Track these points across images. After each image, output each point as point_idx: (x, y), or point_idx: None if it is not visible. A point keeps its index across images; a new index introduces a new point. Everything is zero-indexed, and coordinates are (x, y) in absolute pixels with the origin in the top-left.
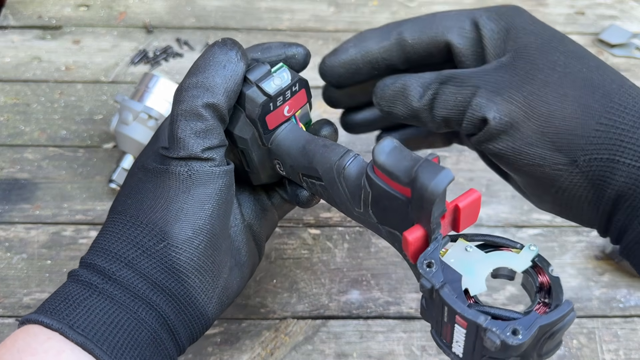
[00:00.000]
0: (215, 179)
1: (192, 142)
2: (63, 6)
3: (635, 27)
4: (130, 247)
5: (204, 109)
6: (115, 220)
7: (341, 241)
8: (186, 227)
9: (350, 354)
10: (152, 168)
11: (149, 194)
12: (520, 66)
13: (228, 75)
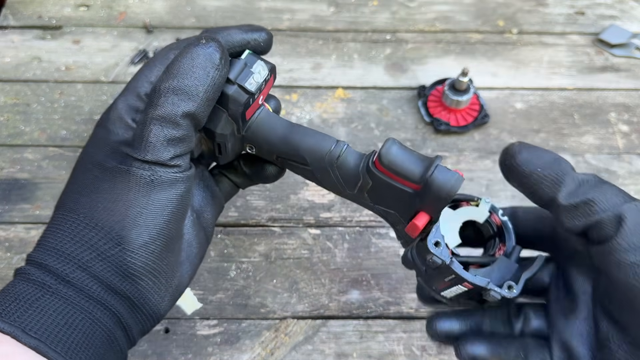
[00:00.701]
0: (177, 184)
1: (162, 149)
2: (63, 6)
3: (635, 27)
4: (84, 249)
5: (182, 118)
6: (66, 219)
7: (341, 241)
8: (144, 233)
9: (350, 354)
10: (112, 167)
11: (106, 195)
12: None
13: (211, 84)
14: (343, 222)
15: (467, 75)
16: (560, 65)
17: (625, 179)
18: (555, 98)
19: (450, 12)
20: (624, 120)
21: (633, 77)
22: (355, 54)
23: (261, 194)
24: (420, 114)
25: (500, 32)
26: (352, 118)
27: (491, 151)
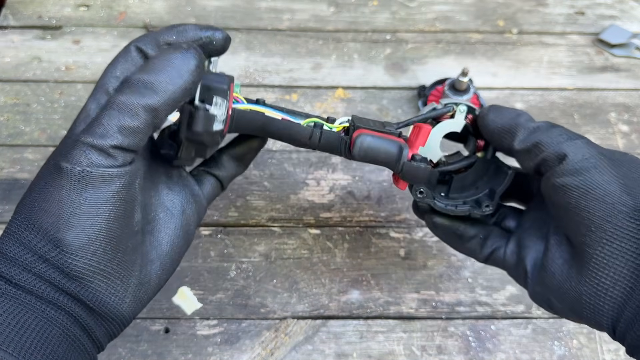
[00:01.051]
0: (111, 181)
1: (111, 135)
2: (63, 6)
3: (635, 27)
4: (25, 251)
5: (143, 110)
6: (13, 220)
7: (341, 241)
8: (80, 234)
9: (350, 354)
10: (47, 164)
11: (42, 193)
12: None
13: (182, 86)
14: (343, 222)
15: (467, 75)
16: (560, 65)
17: None
18: (555, 98)
19: (450, 12)
20: (624, 120)
21: (633, 77)
22: (355, 54)
23: (261, 194)
24: None
25: (500, 32)
26: None
27: None
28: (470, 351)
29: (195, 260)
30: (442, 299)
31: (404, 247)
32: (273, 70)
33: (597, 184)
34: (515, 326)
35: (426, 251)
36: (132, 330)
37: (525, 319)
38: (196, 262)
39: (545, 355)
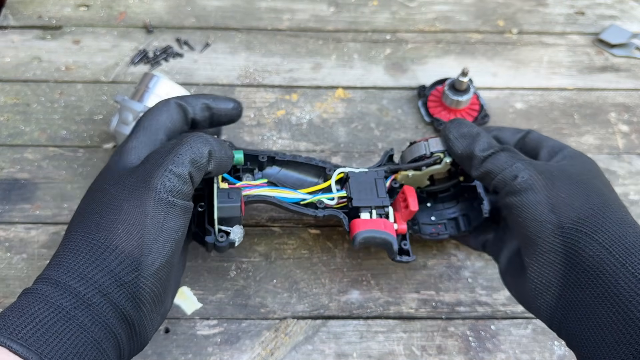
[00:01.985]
0: (187, 212)
1: (186, 165)
2: (63, 6)
3: (635, 27)
4: (104, 273)
5: (208, 154)
6: (85, 240)
7: (341, 241)
8: (157, 259)
9: (350, 354)
10: (132, 184)
11: (124, 216)
12: (557, 168)
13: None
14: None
15: (467, 75)
16: (560, 65)
17: (625, 179)
18: (555, 98)
19: (450, 12)
20: (624, 120)
21: (633, 77)
22: (355, 54)
23: None
24: (420, 114)
25: (500, 32)
26: (352, 118)
27: None
28: (470, 351)
29: (195, 260)
30: (442, 299)
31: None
32: (273, 70)
33: (531, 204)
34: (515, 326)
35: (426, 251)
36: None
37: (525, 319)
38: (196, 262)
39: (545, 355)
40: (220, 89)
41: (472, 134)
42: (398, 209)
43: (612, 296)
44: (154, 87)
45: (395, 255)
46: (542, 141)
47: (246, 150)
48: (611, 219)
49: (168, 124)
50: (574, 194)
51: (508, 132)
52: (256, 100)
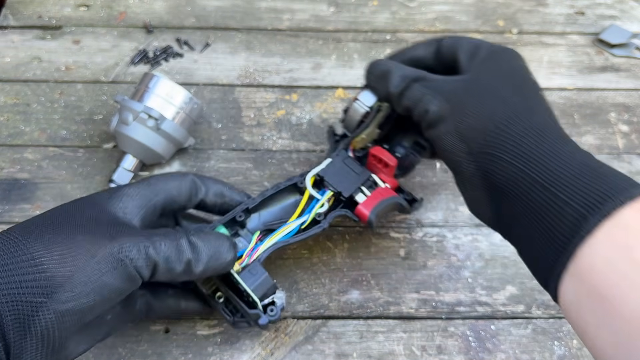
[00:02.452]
0: (131, 281)
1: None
2: (63, 6)
3: (635, 27)
4: (8, 280)
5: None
6: (18, 241)
7: (341, 241)
8: (72, 301)
9: (350, 354)
10: (101, 227)
11: (70, 244)
12: (469, 82)
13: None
14: (343, 222)
15: None
16: (560, 65)
17: None
18: (555, 98)
19: (450, 12)
20: (624, 120)
21: (633, 77)
22: (355, 54)
23: None
24: None
25: (500, 32)
26: None
27: None
28: (470, 351)
29: None
30: (442, 299)
31: (404, 247)
32: (273, 70)
33: (443, 136)
34: (515, 326)
35: (426, 251)
36: (132, 330)
37: (525, 319)
38: None
39: (545, 355)
40: (220, 89)
41: (383, 73)
42: (378, 171)
43: (530, 211)
44: (154, 87)
45: (408, 209)
46: (457, 46)
47: (223, 221)
48: (519, 131)
49: (173, 192)
50: (481, 113)
51: (422, 49)
52: (256, 100)
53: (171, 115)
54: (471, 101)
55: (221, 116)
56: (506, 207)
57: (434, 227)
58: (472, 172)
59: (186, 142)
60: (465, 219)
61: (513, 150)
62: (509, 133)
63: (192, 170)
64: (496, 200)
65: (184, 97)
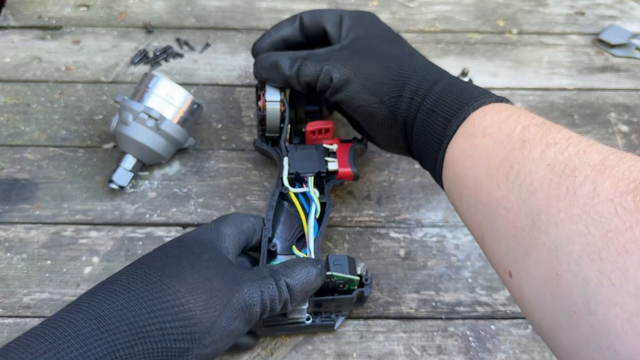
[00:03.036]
0: (250, 323)
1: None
2: (63, 6)
3: (635, 27)
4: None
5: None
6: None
7: (341, 241)
8: (213, 345)
9: (350, 354)
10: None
11: (210, 286)
12: (353, 47)
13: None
14: (343, 222)
15: (467, 75)
16: (560, 65)
17: None
18: (555, 98)
19: (450, 12)
20: (624, 120)
21: (633, 77)
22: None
23: (261, 194)
24: None
25: (500, 32)
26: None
27: None
28: (470, 351)
29: None
30: (442, 299)
31: (404, 247)
32: None
33: (353, 94)
34: (515, 326)
35: (426, 251)
36: None
37: (525, 319)
38: None
39: (545, 355)
40: (220, 89)
41: (272, 63)
42: (322, 140)
43: (424, 130)
44: (154, 87)
45: (365, 145)
46: (321, 20)
47: (264, 262)
48: (409, 73)
49: (250, 232)
50: (378, 68)
51: (286, 29)
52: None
53: (171, 115)
54: (365, 61)
55: (221, 116)
56: (411, 134)
57: (434, 227)
58: (386, 115)
59: (186, 142)
60: None
61: (410, 88)
62: (403, 76)
63: (192, 170)
64: (404, 131)
65: (184, 97)
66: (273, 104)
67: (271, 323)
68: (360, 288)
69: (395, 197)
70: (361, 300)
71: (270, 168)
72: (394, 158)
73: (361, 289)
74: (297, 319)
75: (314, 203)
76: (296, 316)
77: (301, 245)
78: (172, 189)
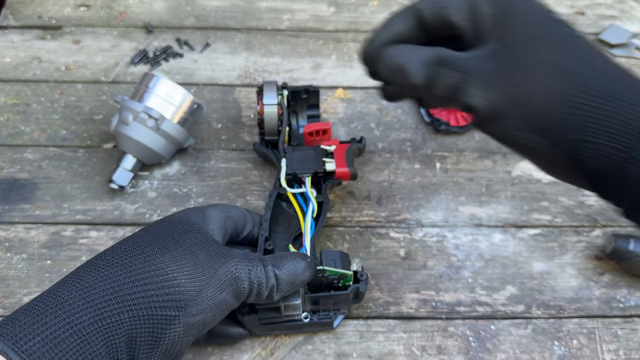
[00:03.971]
0: (238, 298)
1: (269, 277)
2: (63, 6)
3: (635, 27)
4: (142, 296)
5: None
6: (143, 258)
7: (341, 241)
8: (201, 314)
9: (350, 354)
10: (214, 247)
11: (195, 259)
12: (506, 56)
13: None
14: (343, 222)
15: None
16: None
17: None
18: None
19: None
20: None
21: None
22: (355, 54)
23: (261, 194)
24: (420, 114)
25: None
26: (352, 118)
27: (491, 151)
28: (470, 351)
29: None
30: (442, 299)
31: (404, 247)
32: (273, 70)
33: (512, 132)
34: (515, 326)
35: (426, 251)
36: None
37: (525, 319)
38: None
39: (545, 355)
40: (220, 89)
41: (397, 67)
42: (320, 141)
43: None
44: (154, 87)
45: (363, 145)
46: (446, 12)
47: (261, 258)
48: (594, 101)
49: (239, 220)
50: (544, 95)
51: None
52: (256, 100)
53: (171, 115)
54: (525, 83)
55: (221, 116)
56: (607, 181)
57: (434, 227)
58: (560, 159)
59: (186, 142)
60: (465, 219)
61: (598, 127)
62: (586, 108)
63: (192, 170)
64: (595, 177)
65: (184, 97)
66: (270, 107)
67: (268, 321)
68: (356, 284)
69: (395, 197)
70: (358, 297)
71: (270, 168)
72: (393, 158)
73: (357, 285)
74: (293, 316)
75: (311, 203)
76: (292, 313)
77: (298, 244)
78: (172, 189)
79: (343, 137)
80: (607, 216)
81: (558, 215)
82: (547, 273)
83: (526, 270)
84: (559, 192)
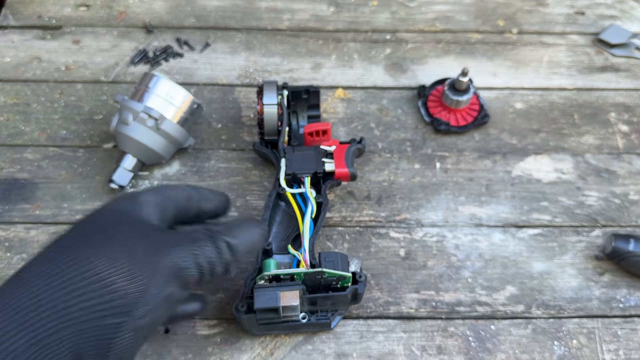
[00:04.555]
0: (186, 288)
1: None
2: (63, 6)
3: (635, 27)
4: (82, 311)
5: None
6: (78, 262)
7: (341, 241)
8: (148, 316)
9: (350, 354)
10: (153, 236)
11: (131, 257)
12: None
13: None
14: (343, 222)
15: (467, 75)
16: (560, 65)
17: (625, 179)
18: (555, 98)
19: (450, 12)
20: (624, 120)
21: (633, 77)
22: (355, 54)
23: (261, 194)
24: (420, 114)
25: (500, 32)
26: (352, 118)
27: (491, 151)
28: (470, 351)
29: None
30: (442, 299)
31: (404, 247)
32: (273, 70)
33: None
34: (515, 326)
35: (426, 251)
36: None
37: (525, 319)
38: None
39: (545, 355)
40: (220, 88)
41: None
42: (319, 141)
43: None
44: (154, 87)
45: (363, 146)
46: None
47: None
48: None
49: (182, 199)
50: None
51: None
52: (256, 100)
53: (171, 115)
54: None
55: (221, 116)
56: None
57: (434, 227)
58: None
59: (186, 142)
60: (465, 219)
61: None
62: None
63: (192, 170)
64: None
65: (184, 97)
66: (270, 107)
67: (266, 322)
68: (355, 285)
69: (395, 197)
70: (356, 298)
71: (270, 168)
72: (394, 158)
73: (355, 286)
74: (291, 317)
75: (310, 203)
76: (290, 314)
77: (297, 245)
78: None
79: (343, 137)
80: (607, 216)
81: (558, 215)
82: (547, 273)
83: (526, 270)
84: (559, 192)
